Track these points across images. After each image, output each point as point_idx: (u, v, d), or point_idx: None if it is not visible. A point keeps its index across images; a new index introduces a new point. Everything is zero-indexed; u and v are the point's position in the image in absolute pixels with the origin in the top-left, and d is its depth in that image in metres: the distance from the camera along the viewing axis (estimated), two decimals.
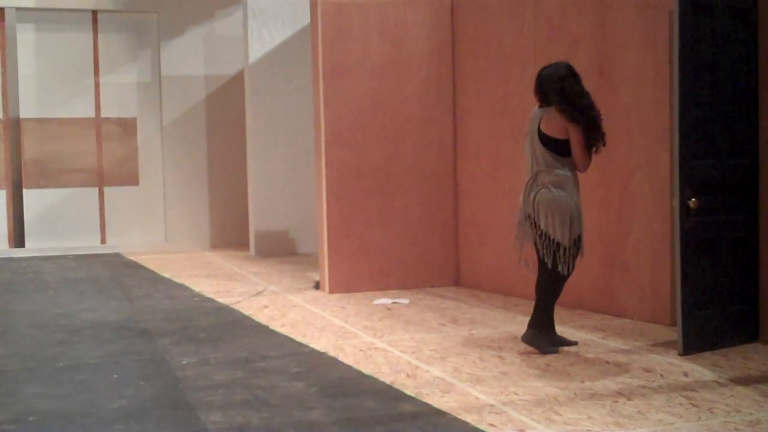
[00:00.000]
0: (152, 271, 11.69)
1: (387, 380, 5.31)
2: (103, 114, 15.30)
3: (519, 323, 6.96)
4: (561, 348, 6.04)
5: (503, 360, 5.82)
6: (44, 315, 8.22)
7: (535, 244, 6.00)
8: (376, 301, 8.47)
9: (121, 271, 11.81)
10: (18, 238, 15.01)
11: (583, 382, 5.19)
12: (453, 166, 9.48)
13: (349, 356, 6.03)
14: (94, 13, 15.28)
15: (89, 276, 11.34)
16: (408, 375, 5.45)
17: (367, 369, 5.62)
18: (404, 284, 9.28)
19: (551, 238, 5.89)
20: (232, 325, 7.49)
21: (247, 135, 14.01)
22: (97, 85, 15.30)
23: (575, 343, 6.14)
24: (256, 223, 13.68)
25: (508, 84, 8.60)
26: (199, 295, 9.21)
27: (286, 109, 13.59)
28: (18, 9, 14.88)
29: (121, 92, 15.44)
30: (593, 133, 5.89)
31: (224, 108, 15.30)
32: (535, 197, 5.96)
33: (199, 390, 5.20)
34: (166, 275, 11.10)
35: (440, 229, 9.46)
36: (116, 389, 5.26)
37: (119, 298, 9.30)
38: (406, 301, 8.46)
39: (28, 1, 14.79)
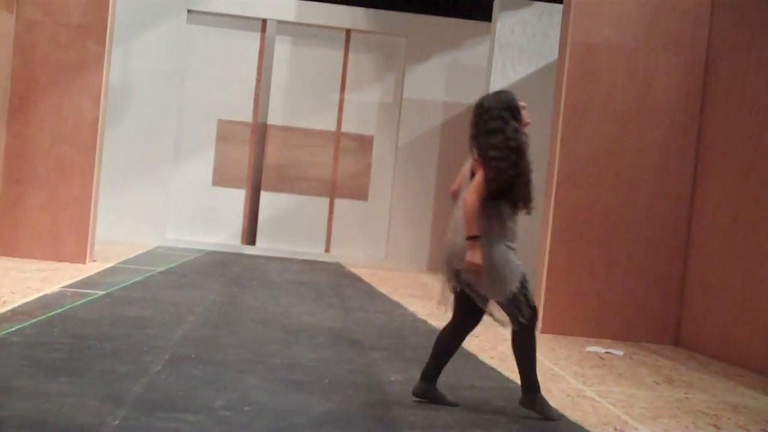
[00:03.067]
0: (370, 285, 11.99)
1: (593, 431, 5.16)
2: (344, 129, 15.90)
3: (740, 394, 6.59)
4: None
5: (719, 430, 5.52)
6: (267, 312, 8.62)
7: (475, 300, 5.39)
8: (589, 348, 8.29)
9: (340, 281, 12.19)
10: (250, 236, 15.84)
11: None
12: (687, 221, 9.14)
13: (555, 399, 5.92)
14: (348, 32, 15.92)
15: (311, 281, 11.79)
16: (616, 429, 5.28)
17: (573, 416, 5.50)
18: (619, 335, 9.03)
19: (486, 298, 5.35)
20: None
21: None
22: (341, 101, 15.92)
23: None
24: None
25: (759, 143, 8.20)
26: (412, 315, 9.35)
27: None
28: (279, 22, 15.74)
29: (363, 110, 15.99)
30: (491, 176, 5.17)
31: (459, 135, 15.49)
32: (460, 252, 5.25)
33: (404, 408, 5.26)
34: (383, 291, 11.35)
35: (664, 285, 9.13)
36: (326, 394, 5.42)
37: (336, 306, 9.60)
38: (620, 352, 8.22)
39: (288, 15, 15.61)
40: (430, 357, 5.50)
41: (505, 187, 5.25)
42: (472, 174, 5.36)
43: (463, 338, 5.56)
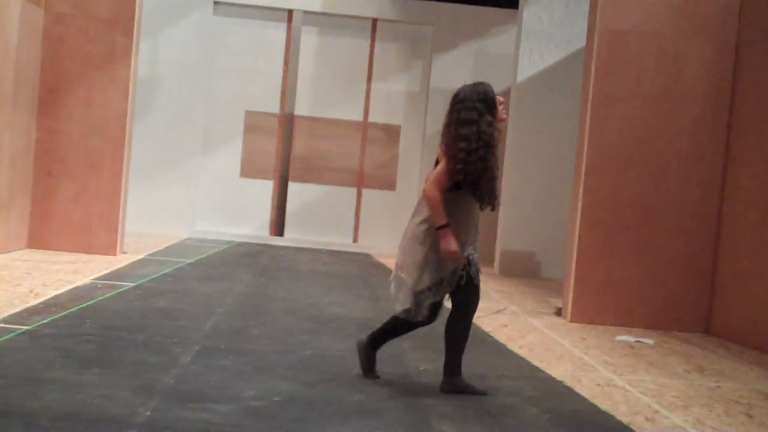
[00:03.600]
0: None
1: (624, 420, 5.14)
2: (371, 119, 15.90)
3: None
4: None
5: (752, 419, 5.48)
6: (296, 303, 8.66)
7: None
8: (619, 337, 8.24)
9: (369, 271, 12.20)
10: (278, 227, 15.89)
11: None
12: (718, 208, 9.05)
13: (585, 389, 5.90)
14: (374, 21, 15.90)
15: (339, 272, 11.81)
16: (647, 418, 5.25)
17: (603, 405, 5.47)
18: (649, 324, 8.98)
19: (401, 278, 5.33)
20: (471, 339, 7.42)
21: (505, 152, 14.04)
22: (368, 91, 15.91)
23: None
24: (502, 242, 13.70)
25: None
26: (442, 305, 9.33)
27: (547, 131, 13.53)
28: (305, 12, 15.75)
29: (390, 99, 15.97)
30: (458, 168, 5.13)
31: None
32: (408, 237, 5.34)
33: (433, 398, 5.27)
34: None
35: (695, 273, 9.06)
36: (355, 384, 5.43)
37: (365, 296, 9.61)
38: (650, 341, 8.18)
39: (314, 5, 15.61)
40: (446, 352, 5.45)
41: (471, 181, 5.19)
42: (437, 163, 5.34)
43: (469, 321, 5.47)
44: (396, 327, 5.59)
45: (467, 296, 5.37)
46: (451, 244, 5.13)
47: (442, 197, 5.17)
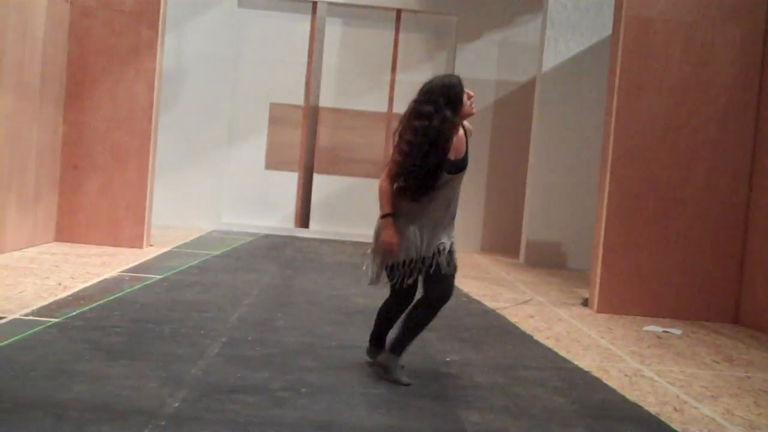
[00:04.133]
0: None
1: (652, 410, 5.12)
2: (395, 110, 15.86)
3: None
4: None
5: None
6: (321, 294, 8.67)
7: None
8: (646, 328, 8.19)
9: None
10: (303, 219, 15.91)
11: None
12: (746, 197, 8.97)
13: (613, 379, 5.88)
14: (399, 12, 15.86)
15: (365, 263, 11.79)
16: (675, 409, 5.22)
17: (631, 395, 5.45)
18: (677, 314, 8.92)
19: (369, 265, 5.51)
20: (497, 329, 7.52)
21: (531, 142, 14.00)
22: (392, 82, 15.88)
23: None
24: (528, 232, 13.65)
25: None
26: (467, 296, 9.33)
27: (573, 120, 13.45)
28: (329, 3, 15.73)
29: (414, 90, 15.81)
30: (399, 159, 5.12)
31: (511, 114, 15.39)
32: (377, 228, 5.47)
33: (460, 389, 5.27)
34: None
35: (723, 263, 8.98)
36: (382, 375, 5.43)
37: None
38: (678, 331, 8.12)
39: None
40: (399, 327, 5.42)
41: (402, 172, 5.17)
42: None
43: (429, 307, 5.38)
44: (384, 318, 5.69)
45: (432, 284, 5.33)
46: (390, 234, 5.24)
47: (390, 187, 5.25)
